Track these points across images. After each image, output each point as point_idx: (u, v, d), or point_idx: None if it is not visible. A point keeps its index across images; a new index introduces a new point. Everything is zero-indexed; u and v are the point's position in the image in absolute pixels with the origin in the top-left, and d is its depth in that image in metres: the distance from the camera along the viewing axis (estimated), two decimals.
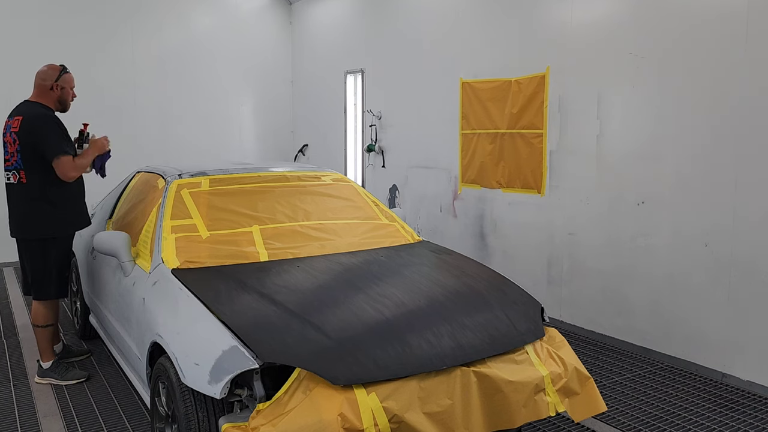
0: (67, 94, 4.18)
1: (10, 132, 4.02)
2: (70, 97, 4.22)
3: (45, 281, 4.14)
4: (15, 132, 3.98)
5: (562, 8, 5.19)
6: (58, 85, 4.12)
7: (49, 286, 4.16)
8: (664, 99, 4.47)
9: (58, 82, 4.11)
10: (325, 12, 8.80)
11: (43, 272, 4.13)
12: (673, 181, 4.45)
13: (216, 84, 9.09)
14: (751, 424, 3.64)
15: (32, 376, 4.36)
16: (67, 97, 4.19)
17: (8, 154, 4.05)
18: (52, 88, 4.10)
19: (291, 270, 3.27)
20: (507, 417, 2.72)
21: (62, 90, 4.14)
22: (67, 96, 4.18)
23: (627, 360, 4.64)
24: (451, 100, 6.45)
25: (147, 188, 4.24)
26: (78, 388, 4.16)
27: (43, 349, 4.25)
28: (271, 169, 4.33)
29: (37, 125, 3.96)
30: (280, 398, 2.43)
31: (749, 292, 4.05)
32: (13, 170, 4.02)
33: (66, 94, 4.17)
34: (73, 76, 4.23)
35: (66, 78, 4.16)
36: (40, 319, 4.20)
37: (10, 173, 4.05)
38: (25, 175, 3.99)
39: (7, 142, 4.05)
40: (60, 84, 4.12)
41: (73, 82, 4.23)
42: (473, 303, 3.10)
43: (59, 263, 4.17)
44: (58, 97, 4.14)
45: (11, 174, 4.04)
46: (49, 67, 4.14)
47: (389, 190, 7.63)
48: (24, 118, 3.98)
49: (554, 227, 5.41)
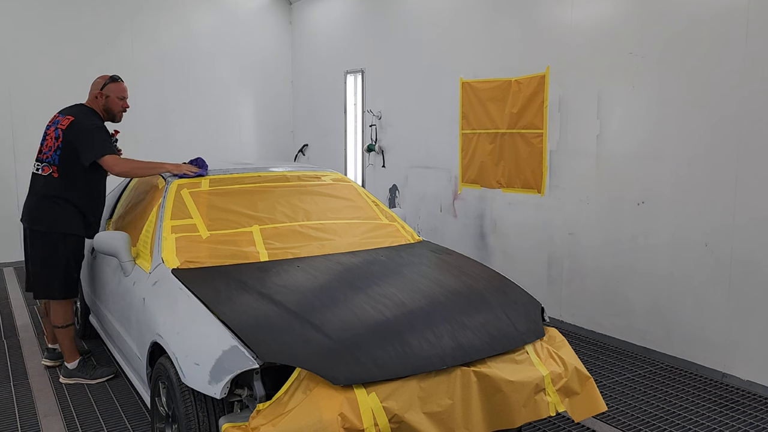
0: (113, 103, 4.20)
1: (57, 127, 4.08)
2: (118, 107, 4.24)
3: (50, 279, 4.12)
4: (62, 129, 4.04)
5: (562, 8, 5.19)
6: (102, 94, 4.18)
7: (52, 285, 4.13)
8: (664, 99, 4.47)
9: (102, 90, 4.17)
10: (325, 12, 8.80)
11: (48, 269, 4.11)
12: (673, 181, 4.46)
13: (216, 84, 9.09)
14: (751, 424, 3.64)
15: (32, 375, 4.36)
16: (114, 107, 4.22)
17: (46, 147, 4.10)
18: (97, 97, 4.18)
19: (291, 270, 3.27)
20: (507, 417, 2.72)
21: (107, 99, 4.19)
22: (113, 105, 4.21)
23: (627, 360, 4.64)
24: (451, 100, 6.45)
25: (147, 188, 4.24)
26: (78, 388, 4.16)
27: (66, 350, 4.25)
28: (271, 169, 4.33)
29: (84, 129, 4.03)
30: (280, 398, 2.43)
31: (749, 292, 4.05)
32: (46, 163, 4.08)
33: (111, 103, 4.20)
34: (122, 86, 4.24)
35: (111, 87, 4.18)
36: (59, 320, 4.20)
37: (42, 165, 4.10)
38: (57, 171, 4.05)
39: (49, 135, 4.10)
40: (105, 93, 4.18)
41: (123, 92, 4.24)
42: (473, 303, 3.10)
43: (67, 262, 4.14)
44: (104, 105, 4.20)
45: (43, 166, 4.09)
46: (100, 78, 4.23)
47: (389, 190, 7.64)
48: (75, 119, 4.06)
49: (554, 227, 5.41)
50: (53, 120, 4.17)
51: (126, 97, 4.28)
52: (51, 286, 4.14)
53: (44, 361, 4.53)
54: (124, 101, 4.26)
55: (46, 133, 4.15)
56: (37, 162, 4.14)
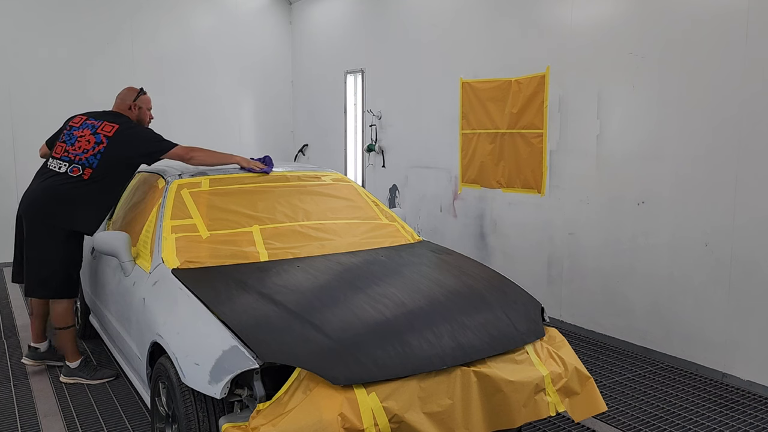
0: (145, 114, 4.36)
1: (96, 132, 4.08)
2: (148, 118, 4.39)
3: (48, 276, 4.09)
4: (107, 136, 4.06)
5: (562, 8, 5.19)
6: (136, 105, 4.31)
7: (50, 283, 4.11)
8: (665, 99, 4.48)
9: (135, 102, 4.30)
10: (325, 12, 8.80)
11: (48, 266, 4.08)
12: (673, 181, 4.46)
13: (216, 84, 9.09)
14: (751, 424, 3.64)
15: (32, 375, 4.36)
16: (145, 118, 4.37)
17: (79, 149, 4.07)
18: (130, 108, 4.28)
19: (291, 270, 3.27)
20: (507, 417, 2.72)
21: (140, 110, 4.33)
22: (144, 116, 4.36)
23: (627, 360, 4.64)
24: (451, 100, 6.45)
25: (147, 188, 4.24)
26: (78, 388, 4.16)
27: (68, 351, 4.26)
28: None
29: (137, 132, 4.12)
30: (280, 398, 2.43)
31: (749, 292, 4.05)
32: (78, 165, 4.05)
33: (144, 115, 4.35)
34: (149, 98, 4.40)
35: (143, 99, 4.35)
36: (59, 321, 4.19)
37: (69, 165, 4.06)
38: (92, 174, 4.04)
39: (86, 138, 4.08)
40: (138, 104, 4.31)
41: (150, 104, 4.42)
42: (473, 303, 3.10)
43: (66, 260, 4.13)
44: (137, 116, 4.31)
45: (73, 167, 4.05)
46: (128, 89, 4.36)
47: (389, 190, 7.64)
48: (121, 127, 4.11)
49: (554, 227, 5.41)
50: (81, 122, 4.17)
51: (152, 108, 4.45)
52: (49, 285, 4.12)
53: (24, 359, 4.42)
54: (150, 112, 4.44)
55: (75, 134, 4.12)
56: (61, 161, 4.09)
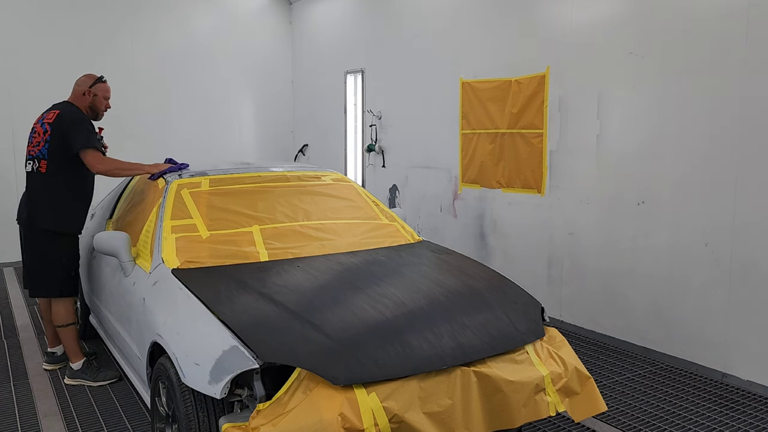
0: (100, 102, 4.34)
1: (43, 123, 4.16)
2: (103, 106, 4.37)
3: (47, 276, 4.14)
4: (49, 123, 4.11)
5: (562, 8, 5.19)
6: (90, 92, 4.29)
7: (51, 282, 4.16)
8: (665, 99, 4.47)
9: (91, 89, 4.29)
10: (325, 12, 8.80)
11: (47, 267, 4.13)
12: (673, 181, 4.46)
13: (216, 84, 9.08)
14: (751, 424, 3.64)
15: (32, 375, 4.37)
16: (99, 105, 4.35)
17: (33, 143, 4.17)
18: (84, 94, 4.27)
19: (291, 270, 3.27)
20: (507, 417, 2.72)
21: (94, 97, 4.31)
22: (98, 104, 4.34)
23: (627, 360, 4.64)
24: (451, 100, 6.45)
25: (147, 188, 4.24)
26: (78, 388, 4.16)
27: (70, 350, 4.27)
28: (271, 169, 4.33)
29: (72, 118, 4.12)
30: (281, 398, 2.43)
31: (749, 292, 4.05)
32: (35, 159, 4.14)
33: (98, 102, 4.33)
34: (108, 87, 4.39)
35: (99, 86, 4.33)
36: (59, 319, 4.22)
37: (31, 162, 4.17)
38: (45, 165, 4.10)
39: (37, 131, 4.18)
40: (93, 91, 4.30)
41: (108, 92, 4.40)
42: (473, 303, 3.10)
43: (63, 260, 4.16)
44: (90, 103, 4.30)
45: (32, 162, 4.16)
46: (87, 76, 4.35)
47: (389, 190, 7.64)
48: (61, 112, 4.16)
49: (554, 227, 5.41)
50: (39, 118, 4.25)
51: (109, 97, 4.42)
52: (49, 284, 4.17)
53: (44, 365, 4.54)
54: (107, 101, 4.40)
55: (34, 129, 4.22)
56: (29, 161, 4.20)
